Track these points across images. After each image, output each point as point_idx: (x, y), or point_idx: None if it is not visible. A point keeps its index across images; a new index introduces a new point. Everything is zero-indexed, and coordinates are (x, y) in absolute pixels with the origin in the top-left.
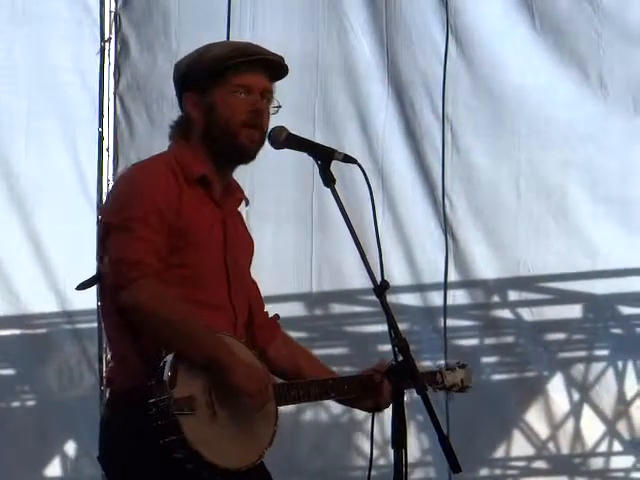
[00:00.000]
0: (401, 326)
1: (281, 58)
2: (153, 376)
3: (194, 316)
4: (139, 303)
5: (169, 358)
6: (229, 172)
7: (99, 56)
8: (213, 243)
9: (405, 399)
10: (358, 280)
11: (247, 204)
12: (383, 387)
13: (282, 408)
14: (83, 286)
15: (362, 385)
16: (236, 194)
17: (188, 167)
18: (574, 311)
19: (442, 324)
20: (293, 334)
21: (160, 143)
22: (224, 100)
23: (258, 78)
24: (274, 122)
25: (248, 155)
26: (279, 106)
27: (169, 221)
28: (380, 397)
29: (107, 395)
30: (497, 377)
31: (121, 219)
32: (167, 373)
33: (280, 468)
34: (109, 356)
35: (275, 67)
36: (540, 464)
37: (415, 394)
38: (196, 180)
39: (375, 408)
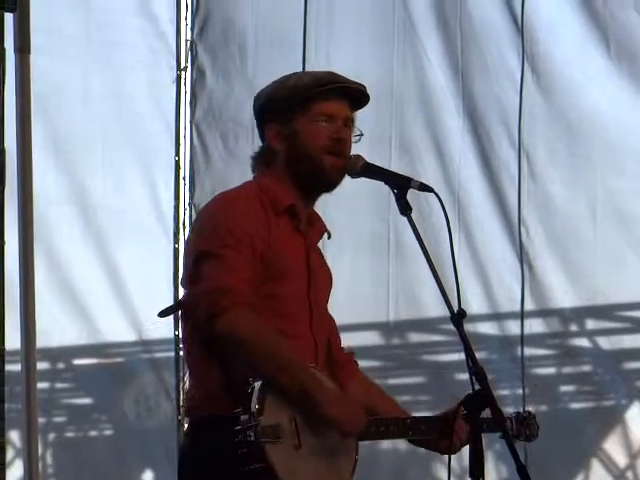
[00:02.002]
0: (478, 355)
1: (363, 87)
2: (240, 403)
3: (287, 347)
4: (235, 332)
5: (257, 385)
6: (313, 202)
7: (175, 85)
8: (298, 274)
9: None
10: (435, 309)
11: (329, 237)
12: (458, 429)
13: None
14: (164, 313)
15: (438, 426)
16: (318, 226)
17: (276, 197)
18: None
19: (519, 353)
20: (369, 363)
21: (236, 171)
22: (306, 128)
23: (340, 106)
24: (352, 151)
25: (332, 182)
26: (361, 134)
27: (259, 250)
28: (455, 440)
29: (187, 424)
30: (575, 406)
31: (212, 247)
32: (255, 400)
33: None
34: (187, 385)
35: (356, 96)
36: None
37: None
38: (284, 210)
39: (449, 450)
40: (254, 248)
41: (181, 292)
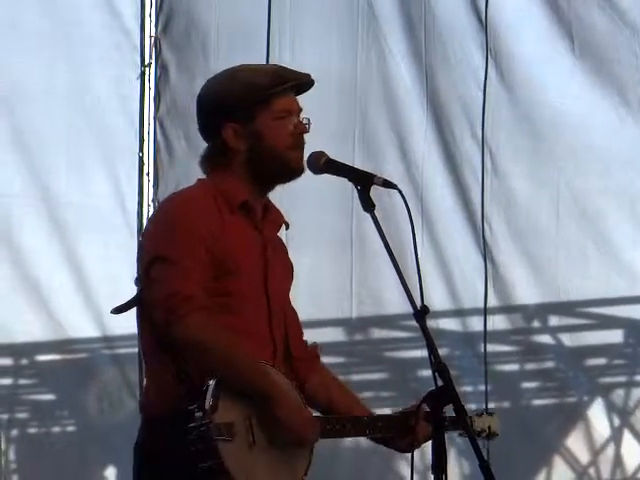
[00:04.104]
0: (441, 351)
1: (310, 76)
2: (194, 401)
3: (243, 350)
4: (191, 338)
5: (211, 383)
6: (267, 193)
7: (139, 81)
8: (254, 271)
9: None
10: (398, 305)
11: (287, 228)
12: (418, 428)
13: None
14: (119, 310)
15: (397, 425)
16: (275, 218)
17: (230, 194)
18: (614, 336)
19: (482, 349)
20: (332, 359)
21: (199, 166)
22: (269, 127)
23: (294, 101)
24: (314, 147)
25: (297, 175)
26: (309, 122)
27: (212, 250)
28: (414, 438)
29: (141, 420)
30: (537, 402)
31: (166, 249)
32: (209, 398)
33: None
34: (144, 381)
35: (302, 86)
36: None
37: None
38: (238, 206)
39: (408, 449)
40: (206, 248)
41: None
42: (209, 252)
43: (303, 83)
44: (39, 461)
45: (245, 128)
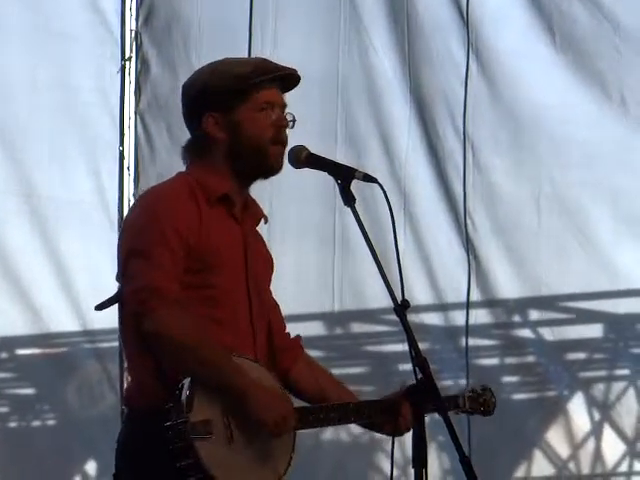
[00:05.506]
0: (422, 345)
1: (296, 72)
2: (170, 399)
3: (214, 343)
4: (160, 332)
5: (187, 381)
6: (248, 187)
7: (120, 75)
8: (234, 263)
9: (426, 419)
10: (379, 299)
11: (266, 222)
12: (405, 412)
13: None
14: (102, 306)
15: (383, 410)
16: (255, 211)
17: (209, 186)
18: (595, 331)
19: (464, 343)
20: (312, 353)
21: (181, 161)
22: (250, 118)
23: (277, 94)
24: (296, 142)
25: (275, 171)
26: (294, 119)
27: (189, 244)
28: (401, 422)
29: (125, 413)
30: (518, 397)
31: (141, 244)
32: (184, 396)
33: None
34: (128, 375)
35: (289, 80)
36: None
37: (436, 414)
38: (217, 199)
39: (395, 433)
40: (183, 242)
41: None
42: (186, 246)
43: (287, 78)
44: (19, 455)
45: (225, 118)
